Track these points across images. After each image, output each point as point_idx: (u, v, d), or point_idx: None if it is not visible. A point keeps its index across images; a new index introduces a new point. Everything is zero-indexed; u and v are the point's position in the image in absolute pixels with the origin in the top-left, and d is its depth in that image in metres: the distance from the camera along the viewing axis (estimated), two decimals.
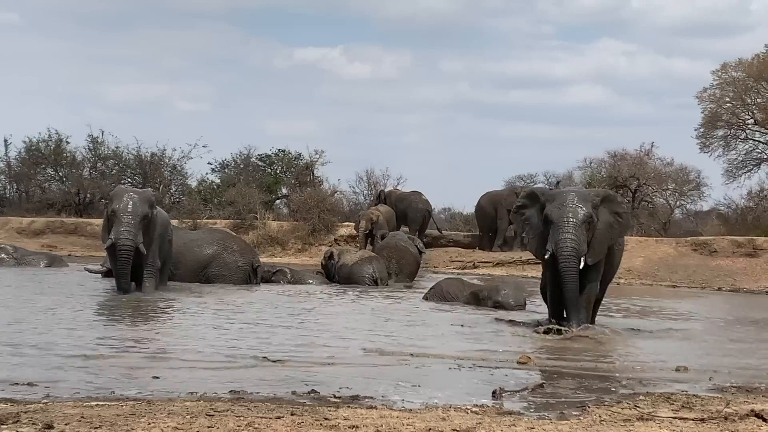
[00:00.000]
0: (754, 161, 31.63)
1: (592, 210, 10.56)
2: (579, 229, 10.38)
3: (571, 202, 10.53)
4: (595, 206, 10.70)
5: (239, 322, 10.52)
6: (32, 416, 4.87)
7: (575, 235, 10.36)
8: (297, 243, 27.90)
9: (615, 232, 10.97)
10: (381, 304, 13.79)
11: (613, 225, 10.89)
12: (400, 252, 19.64)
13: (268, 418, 5.01)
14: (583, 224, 10.41)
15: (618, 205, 11.15)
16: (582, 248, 10.37)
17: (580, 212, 10.45)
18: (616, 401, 6.22)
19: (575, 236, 10.35)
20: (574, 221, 10.39)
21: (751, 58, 31.04)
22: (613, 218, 10.91)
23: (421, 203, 26.69)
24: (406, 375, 7.19)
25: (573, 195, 10.75)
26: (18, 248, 20.46)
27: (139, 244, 13.29)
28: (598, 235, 10.67)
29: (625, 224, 11.22)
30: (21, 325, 9.32)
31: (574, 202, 10.54)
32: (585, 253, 10.39)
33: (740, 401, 6.23)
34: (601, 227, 10.70)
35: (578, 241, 10.36)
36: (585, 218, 10.43)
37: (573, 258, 10.35)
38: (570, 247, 10.35)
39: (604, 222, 10.78)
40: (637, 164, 31.66)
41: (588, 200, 10.66)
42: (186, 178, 34.52)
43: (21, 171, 33.56)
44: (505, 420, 5.30)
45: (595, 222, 10.59)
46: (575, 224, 10.38)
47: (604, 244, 10.78)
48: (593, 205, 10.65)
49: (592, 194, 11.07)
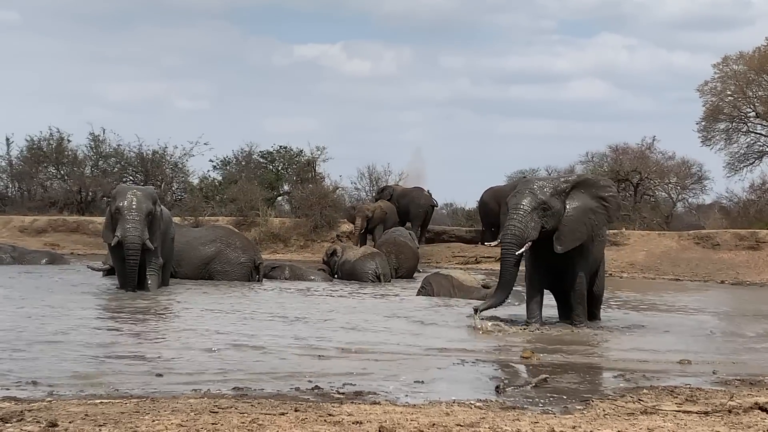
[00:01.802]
0: (756, 154, 31.60)
1: (550, 197, 10.34)
2: (527, 216, 10.26)
3: (523, 190, 10.45)
4: (560, 193, 10.45)
5: (240, 318, 10.53)
6: (36, 414, 4.88)
7: (519, 221, 10.27)
8: (299, 240, 27.90)
9: (600, 217, 10.64)
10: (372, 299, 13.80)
11: (595, 210, 10.60)
12: (399, 247, 19.66)
13: (272, 414, 5.01)
14: (534, 211, 10.26)
15: (601, 189, 10.80)
16: (527, 234, 10.23)
17: (529, 199, 10.32)
18: (620, 395, 6.21)
19: (519, 222, 10.27)
20: (522, 207, 10.29)
21: (752, 51, 31.03)
22: (596, 203, 10.63)
23: (423, 199, 26.67)
24: (411, 370, 7.19)
25: (529, 183, 10.60)
26: (17, 247, 20.47)
27: (145, 240, 13.30)
28: (569, 222, 10.41)
29: (613, 209, 10.81)
30: (24, 324, 9.32)
31: (527, 189, 10.43)
32: (529, 239, 10.23)
33: (744, 394, 6.23)
34: (574, 213, 10.46)
35: (521, 227, 10.26)
36: (535, 205, 10.26)
37: (511, 244, 10.31)
38: (509, 234, 10.33)
39: (580, 208, 10.52)
40: (638, 158, 31.66)
41: (547, 188, 10.44)
42: (188, 175, 34.53)
43: (23, 169, 33.56)
44: (509, 415, 5.30)
45: (557, 209, 10.36)
46: (524, 210, 10.27)
47: (580, 231, 10.45)
48: (556, 192, 10.41)
49: (558, 181, 10.72)
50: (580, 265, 10.65)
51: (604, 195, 10.73)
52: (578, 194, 10.63)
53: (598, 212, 10.64)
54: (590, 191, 10.71)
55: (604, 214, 10.70)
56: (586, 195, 10.66)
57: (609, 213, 10.76)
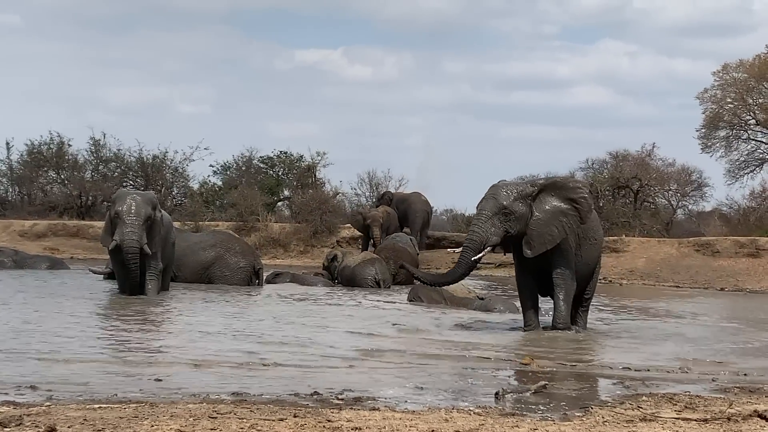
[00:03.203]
0: (756, 161, 31.65)
1: (513, 202, 10.29)
2: (488, 221, 10.27)
3: (488, 195, 10.44)
4: (525, 197, 10.40)
5: (239, 325, 10.52)
6: (35, 419, 4.87)
7: (479, 227, 10.32)
8: (299, 245, 27.92)
9: (572, 218, 10.47)
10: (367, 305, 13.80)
11: (566, 212, 10.45)
12: (398, 253, 19.66)
13: (270, 420, 5.01)
14: (495, 216, 10.26)
15: (572, 191, 10.59)
16: (487, 240, 10.26)
17: (490, 204, 10.33)
18: (619, 402, 6.21)
19: (479, 228, 10.32)
20: (483, 213, 10.36)
21: (752, 58, 31.07)
22: (566, 205, 10.49)
23: (420, 204, 26.66)
24: (409, 376, 7.18)
25: (495, 188, 10.51)
26: (18, 251, 20.47)
27: (144, 245, 13.29)
28: (537, 226, 10.34)
29: (585, 210, 10.50)
30: (24, 328, 9.32)
31: (491, 194, 10.42)
32: (489, 244, 10.27)
33: (743, 402, 6.22)
34: (543, 217, 10.38)
35: (480, 233, 10.29)
36: (496, 210, 10.26)
37: (468, 249, 10.35)
38: (468, 239, 10.45)
39: (550, 211, 10.41)
40: (639, 165, 31.68)
41: (512, 193, 10.38)
42: (188, 180, 34.59)
43: (23, 174, 33.59)
44: (508, 421, 5.29)
45: (521, 213, 10.30)
46: (485, 216, 10.31)
47: (550, 234, 10.34)
48: (520, 197, 10.36)
49: (524, 185, 10.63)
50: (562, 266, 10.53)
51: (574, 197, 10.55)
52: (547, 197, 10.54)
53: (569, 214, 10.48)
54: (560, 194, 10.58)
55: (575, 215, 10.50)
56: (556, 198, 10.55)
57: (581, 214, 10.52)
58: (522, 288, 10.86)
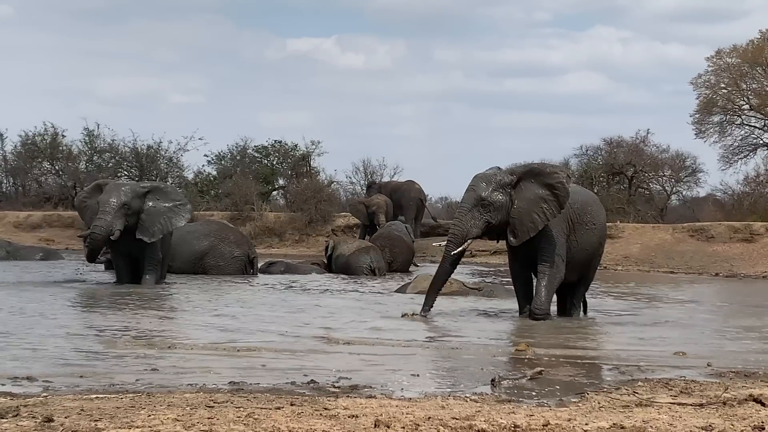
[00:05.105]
0: (749, 147, 31.69)
1: (491, 193, 10.31)
2: (467, 214, 10.33)
3: (468, 188, 10.49)
4: (504, 186, 10.39)
5: (233, 312, 10.53)
6: (32, 410, 4.87)
7: (459, 220, 10.41)
8: (294, 234, 27.92)
9: (552, 204, 10.40)
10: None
11: (546, 198, 10.40)
12: (394, 241, 19.67)
13: (267, 408, 5.01)
14: (474, 209, 10.31)
15: (548, 176, 10.52)
16: (467, 233, 10.33)
17: (468, 197, 10.41)
18: (615, 387, 6.22)
19: (459, 221, 10.41)
20: (463, 206, 10.46)
21: (745, 44, 31.08)
22: (545, 191, 10.43)
23: (413, 192, 26.68)
24: (406, 364, 7.20)
25: (475, 179, 10.51)
26: (12, 242, 20.45)
27: (114, 231, 13.42)
28: (518, 214, 10.35)
29: (563, 195, 10.40)
30: (18, 319, 9.32)
31: (470, 186, 10.46)
32: (470, 237, 10.37)
33: (739, 386, 6.24)
34: (524, 205, 10.37)
35: (460, 226, 10.38)
36: (474, 203, 10.32)
37: (450, 243, 10.51)
38: (450, 233, 10.62)
39: (529, 198, 10.40)
40: (633, 151, 31.73)
41: (489, 183, 10.38)
42: (182, 170, 34.58)
43: (17, 165, 33.53)
44: (504, 408, 5.30)
45: (501, 203, 10.32)
46: (464, 209, 10.40)
47: (532, 221, 10.33)
48: (498, 187, 10.36)
49: (503, 174, 10.57)
50: (548, 253, 10.50)
51: (551, 182, 10.47)
52: (527, 185, 10.52)
53: (548, 200, 10.43)
54: (539, 180, 10.54)
55: (554, 201, 10.43)
56: (535, 184, 10.52)
57: (559, 200, 10.44)
58: (515, 276, 10.91)
